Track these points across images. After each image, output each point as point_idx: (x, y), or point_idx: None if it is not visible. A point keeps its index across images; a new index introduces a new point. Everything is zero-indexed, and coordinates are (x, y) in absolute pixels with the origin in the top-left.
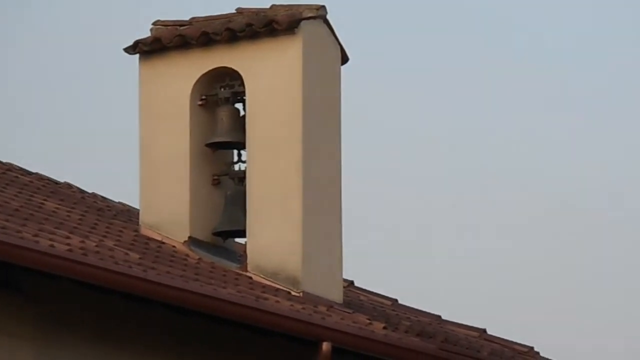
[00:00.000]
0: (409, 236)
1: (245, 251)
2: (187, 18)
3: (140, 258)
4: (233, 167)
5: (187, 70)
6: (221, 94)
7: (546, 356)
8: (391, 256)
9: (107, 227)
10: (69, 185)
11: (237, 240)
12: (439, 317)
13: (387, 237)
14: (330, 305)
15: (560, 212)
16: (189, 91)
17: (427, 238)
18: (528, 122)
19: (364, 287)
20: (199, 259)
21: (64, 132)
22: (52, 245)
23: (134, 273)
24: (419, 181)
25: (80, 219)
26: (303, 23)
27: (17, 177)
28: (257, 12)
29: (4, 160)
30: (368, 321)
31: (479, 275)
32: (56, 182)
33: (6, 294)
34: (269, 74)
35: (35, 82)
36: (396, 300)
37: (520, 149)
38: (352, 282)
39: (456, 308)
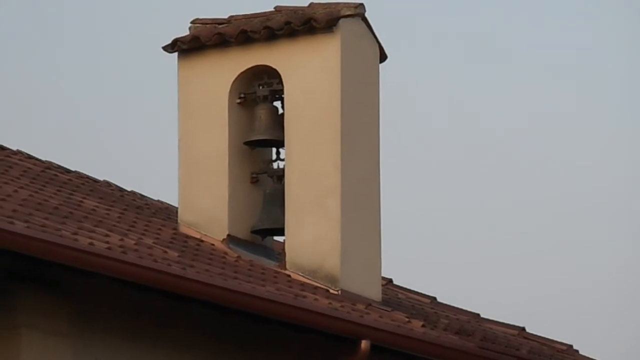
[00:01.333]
0: (447, 234)
1: (283, 249)
2: (225, 16)
3: (179, 256)
4: (271, 165)
5: (225, 69)
6: (259, 92)
7: (585, 354)
8: (430, 254)
9: (146, 225)
10: (107, 184)
11: (276, 238)
12: (478, 315)
13: (425, 234)
14: (368, 303)
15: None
16: (228, 89)
17: (466, 236)
18: None
19: (402, 285)
20: (238, 257)
21: (103, 129)
22: (91, 243)
23: (173, 271)
24: (457, 177)
25: (119, 217)
26: (341, 21)
27: (56, 175)
28: (296, 10)
29: (44, 159)
30: (407, 319)
31: (518, 273)
32: (95, 180)
33: (45, 291)
34: (308, 72)
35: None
36: (435, 298)
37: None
38: (390, 280)
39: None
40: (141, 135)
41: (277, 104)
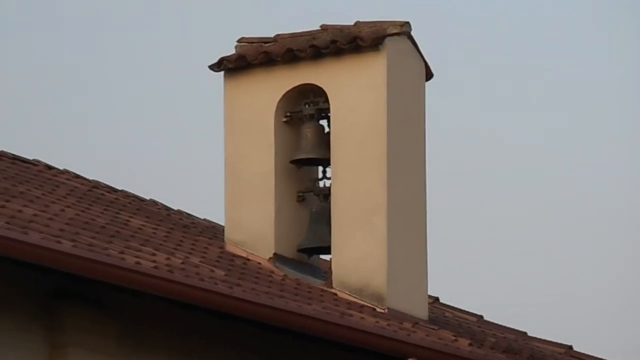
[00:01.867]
0: (493, 252)
1: (330, 268)
2: (271, 35)
3: (225, 275)
4: (318, 183)
5: (271, 87)
6: (306, 110)
7: None
8: (477, 272)
9: (193, 244)
10: (154, 203)
11: (322, 256)
12: (525, 333)
13: (472, 252)
14: (415, 321)
15: None
16: (274, 108)
17: (512, 254)
18: None
19: (449, 304)
20: (284, 275)
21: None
22: (138, 263)
23: (220, 290)
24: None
25: (166, 236)
26: (387, 39)
27: (102, 194)
28: (342, 28)
29: (91, 178)
30: (454, 337)
31: (565, 290)
32: (142, 199)
33: (92, 310)
34: (354, 91)
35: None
36: (482, 317)
37: None
38: (437, 299)
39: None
40: (187, 155)
41: (324, 122)
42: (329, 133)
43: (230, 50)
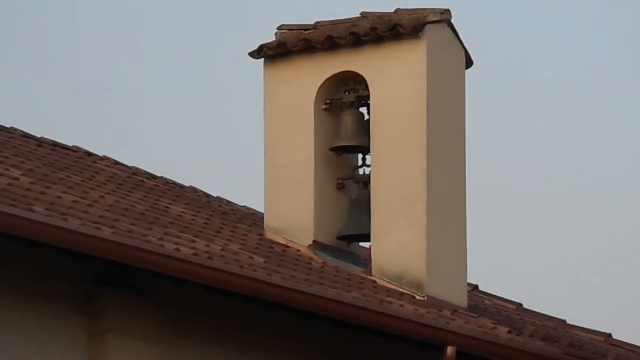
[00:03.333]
0: (534, 240)
1: (369, 255)
2: (311, 22)
3: (264, 262)
4: (357, 171)
5: (311, 74)
6: (345, 97)
7: None
8: (517, 260)
9: (232, 231)
10: (194, 189)
11: (362, 244)
12: (564, 321)
13: (512, 240)
14: (454, 309)
15: None
16: (314, 95)
17: (553, 243)
18: None
19: (488, 291)
20: (324, 262)
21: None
22: (177, 249)
23: (259, 277)
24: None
25: (205, 223)
26: (427, 27)
27: (142, 181)
28: (382, 16)
29: (131, 165)
30: (492, 325)
31: (605, 280)
32: (181, 186)
33: (132, 296)
34: (394, 78)
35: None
36: (521, 305)
37: None
38: (476, 286)
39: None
40: (227, 142)
41: (363, 109)
42: (368, 120)
43: (270, 37)
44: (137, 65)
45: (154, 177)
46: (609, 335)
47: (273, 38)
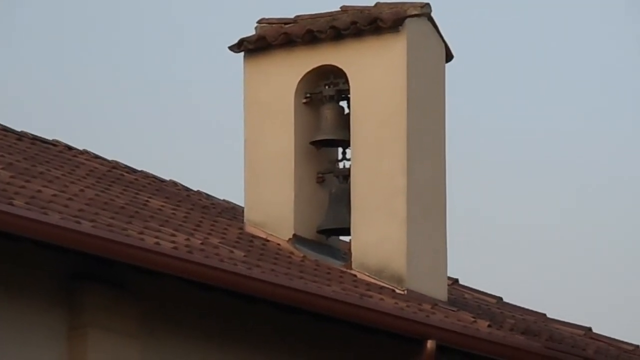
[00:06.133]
0: (514, 234)
1: (349, 249)
2: (291, 16)
3: (245, 256)
4: (337, 165)
5: (291, 68)
6: (326, 91)
7: None
8: (496, 254)
9: (212, 225)
10: (174, 183)
11: (342, 238)
12: (544, 315)
13: (492, 234)
14: (434, 303)
15: None
16: (294, 89)
17: (532, 236)
18: None
19: (468, 285)
20: (304, 256)
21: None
22: (157, 243)
23: (239, 271)
24: (524, 177)
25: (185, 217)
26: (408, 21)
27: (122, 175)
28: (362, 10)
29: (110, 158)
30: (472, 319)
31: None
32: (161, 180)
33: (112, 291)
34: (374, 72)
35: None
36: (501, 299)
37: None
38: (456, 280)
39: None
40: (206, 135)
41: (343, 103)
42: (348, 114)
43: (250, 31)
44: (108, 61)
45: (134, 170)
46: (589, 329)
47: (253, 32)
